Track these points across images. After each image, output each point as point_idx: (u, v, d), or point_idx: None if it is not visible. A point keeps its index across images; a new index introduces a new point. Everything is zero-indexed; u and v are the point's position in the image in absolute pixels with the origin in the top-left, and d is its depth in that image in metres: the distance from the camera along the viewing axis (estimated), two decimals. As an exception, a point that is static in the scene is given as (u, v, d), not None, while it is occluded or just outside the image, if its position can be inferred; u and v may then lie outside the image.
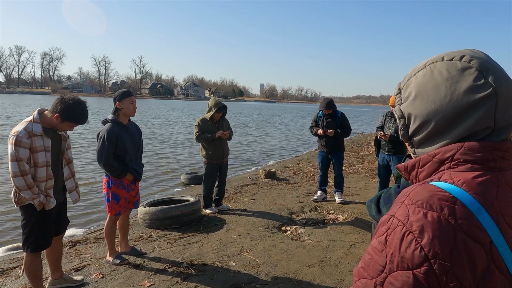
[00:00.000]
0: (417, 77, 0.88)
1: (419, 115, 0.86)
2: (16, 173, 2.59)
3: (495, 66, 0.80)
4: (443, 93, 0.81)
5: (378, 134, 5.35)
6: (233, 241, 4.34)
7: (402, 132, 0.92)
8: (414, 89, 0.87)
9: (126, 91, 3.60)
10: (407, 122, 0.90)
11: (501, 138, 0.81)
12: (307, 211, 5.67)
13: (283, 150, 14.11)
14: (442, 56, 0.86)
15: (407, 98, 0.89)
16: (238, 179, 8.00)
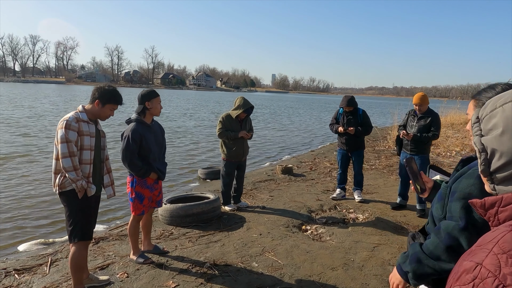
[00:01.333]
0: (504, 110, 0.82)
1: (506, 153, 0.80)
2: (65, 154, 2.76)
3: None
4: None
5: (401, 133, 5.25)
6: (254, 240, 4.33)
7: (482, 167, 0.87)
8: (502, 123, 0.81)
9: (153, 91, 3.62)
10: (490, 157, 0.85)
11: None
12: (326, 209, 5.62)
13: (298, 144, 14.03)
14: None
15: (491, 131, 0.84)
16: (254, 174, 7.98)
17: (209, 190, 6.63)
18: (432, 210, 1.58)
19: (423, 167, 5.19)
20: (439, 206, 1.51)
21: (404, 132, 5.20)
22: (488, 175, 0.87)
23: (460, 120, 19.90)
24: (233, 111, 5.22)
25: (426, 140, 5.10)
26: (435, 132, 5.06)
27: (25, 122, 16.01)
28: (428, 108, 5.19)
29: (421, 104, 5.12)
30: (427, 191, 1.70)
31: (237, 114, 5.15)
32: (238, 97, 5.36)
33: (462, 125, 19.06)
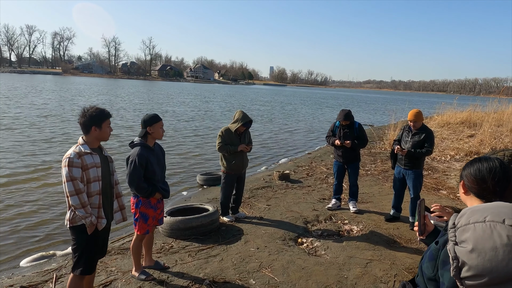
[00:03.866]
0: (475, 229, 0.95)
1: (473, 268, 0.94)
2: (71, 192, 2.83)
3: None
4: (500, 256, 0.89)
5: (396, 149, 5.39)
6: (251, 255, 4.48)
7: (454, 272, 1.01)
8: (472, 241, 0.95)
9: (155, 116, 3.69)
10: (460, 266, 0.98)
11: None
12: (322, 220, 5.78)
13: (295, 146, 14.14)
14: (503, 218, 0.93)
15: (463, 243, 0.97)
16: (252, 180, 8.11)
17: (208, 198, 6.78)
18: (422, 266, 1.71)
19: (417, 182, 5.36)
20: (430, 265, 1.63)
21: (399, 148, 5.34)
22: (459, 279, 1.00)
23: (456, 120, 20.06)
24: (232, 125, 5.33)
25: (419, 155, 5.24)
26: (428, 148, 5.20)
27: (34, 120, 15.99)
28: (423, 124, 5.32)
29: (416, 121, 5.26)
30: (425, 233, 1.83)
31: (236, 127, 5.27)
32: (237, 110, 5.47)
33: (458, 124, 19.24)
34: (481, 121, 17.26)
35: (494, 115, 18.60)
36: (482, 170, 1.44)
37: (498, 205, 0.99)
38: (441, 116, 21.90)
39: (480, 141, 13.30)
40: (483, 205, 1.00)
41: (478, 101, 21.77)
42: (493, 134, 14.42)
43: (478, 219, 0.96)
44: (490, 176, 1.40)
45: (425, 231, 1.77)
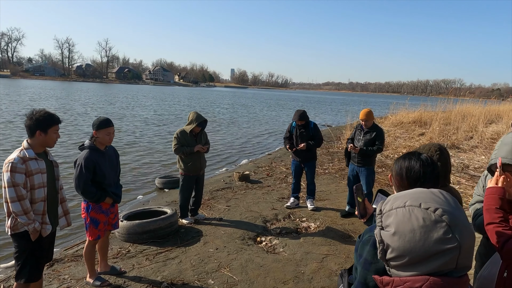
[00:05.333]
0: (397, 214, 1.04)
1: (396, 249, 1.03)
2: (13, 198, 2.70)
3: (462, 221, 0.99)
4: (418, 237, 0.98)
5: (349, 147, 5.60)
6: (210, 255, 4.49)
7: (380, 254, 1.10)
8: (394, 225, 1.04)
9: (104, 121, 3.57)
10: (385, 249, 1.07)
11: (460, 274, 1.01)
12: (281, 218, 5.88)
13: (256, 147, 14.26)
14: (419, 202, 1.02)
15: (387, 228, 1.06)
16: (212, 182, 8.10)
17: (166, 201, 6.70)
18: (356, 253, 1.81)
19: (369, 179, 5.60)
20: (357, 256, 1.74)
21: (352, 146, 5.56)
22: (385, 261, 1.09)
23: (409, 119, 21.05)
24: (187, 126, 5.32)
25: (371, 153, 5.49)
26: (379, 146, 5.46)
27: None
28: (374, 123, 5.58)
29: (367, 120, 5.50)
30: (366, 216, 1.93)
31: (191, 128, 5.26)
32: (191, 112, 5.47)
33: (410, 124, 20.21)
34: (431, 120, 18.24)
35: (442, 115, 19.72)
36: (402, 168, 1.61)
37: (417, 191, 1.09)
38: (394, 116, 22.90)
39: (429, 139, 14.06)
40: (405, 192, 1.10)
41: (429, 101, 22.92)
42: (441, 132, 15.29)
43: (399, 204, 1.05)
44: (407, 175, 1.59)
45: (366, 214, 1.86)
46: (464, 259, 0.98)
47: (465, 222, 0.99)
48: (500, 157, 1.98)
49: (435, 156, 2.18)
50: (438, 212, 0.98)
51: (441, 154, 2.19)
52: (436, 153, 2.19)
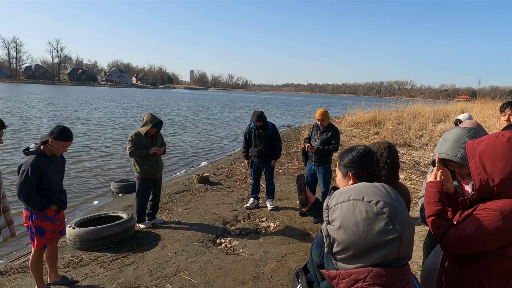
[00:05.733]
0: (342, 208, 1.06)
1: (341, 242, 1.05)
2: None
3: (402, 213, 1.02)
4: (361, 230, 1.00)
5: (306, 146, 5.70)
6: (169, 260, 4.39)
7: (327, 249, 1.11)
8: (339, 219, 1.05)
9: (67, 134, 3.41)
10: (332, 243, 1.09)
11: (401, 264, 1.04)
12: (241, 219, 5.87)
13: (216, 149, 14.17)
14: (362, 195, 1.05)
15: (333, 222, 1.07)
16: (170, 185, 7.95)
17: (123, 206, 6.49)
18: (312, 252, 1.84)
19: (326, 177, 5.72)
20: (317, 252, 1.76)
21: (309, 145, 5.66)
22: (332, 255, 1.11)
23: (364, 119, 21.81)
24: (142, 128, 5.18)
25: (328, 152, 5.61)
26: (335, 144, 5.60)
27: None
28: (329, 123, 5.71)
29: (323, 120, 5.62)
30: (308, 205, 1.96)
31: (146, 130, 5.13)
32: (146, 113, 5.34)
33: (366, 123, 20.95)
34: (385, 120, 19.00)
35: (395, 114, 20.63)
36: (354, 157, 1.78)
37: (360, 185, 1.11)
38: (351, 116, 23.65)
39: (383, 138, 14.63)
40: (349, 186, 1.12)
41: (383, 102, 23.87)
42: (394, 131, 15.97)
43: (344, 198, 1.07)
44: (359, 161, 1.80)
45: (307, 204, 1.90)
46: (405, 249, 1.01)
47: (405, 214, 1.02)
48: (438, 153, 2.09)
49: (384, 153, 2.26)
50: (379, 205, 1.00)
51: (390, 152, 2.28)
52: (385, 150, 2.27)
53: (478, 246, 1.69)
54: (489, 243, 1.68)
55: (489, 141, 1.69)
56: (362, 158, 1.84)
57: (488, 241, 1.68)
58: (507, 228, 1.64)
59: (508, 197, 1.67)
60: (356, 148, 1.89)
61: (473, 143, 1.75)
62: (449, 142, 2.12)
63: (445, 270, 1.90)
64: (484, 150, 1.68)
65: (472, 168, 1.72)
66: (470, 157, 1.73)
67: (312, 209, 1.91)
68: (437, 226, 1.81)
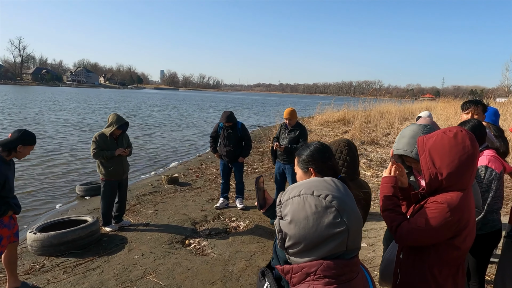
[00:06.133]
0: (293, 202, 1.08)
1: (292, 237, 1.06)
2: None
3: (349, 206, 1.05)
4: (311, 223, 1.02)
5: (275, 145, 5.74)
6: (135, 262, 4.31)
7: (280, 243, 1.13)
8: (290, 213, 1.07)
9: (35, 137, 3.41)
10: (284, 237, 1.10)
11: (351, 256, 1.07)
12: (210, 220, 5.84)
13: (186, 149, 14.02)
14: (312, 190, 1.07)
15: (285, 217, 1.09)
16: (139, 186, 7.80)
17: (88, 209, 6.31)
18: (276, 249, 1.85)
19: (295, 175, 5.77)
20: None
21: (277, 144, 5.70)
22: (284, 249, 1.12)
23: (334, 118, 22.21)
24: (107, 129, 5.06)
25: (296, 150, 5.66)
26: (303, 143, 5.66)
27: None
28: (297, 122, 5.77)
29: (290, 118, 5.68)
30: (265, 207, 1.96)
31: (111, 131, 5.01)
32: (111, 113, 5.22)
33: (335, 122, 21.35)
34: (353, 119, 19.43)
35: (364, 113, 21.12)
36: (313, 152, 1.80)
37: (311, 180, 1.13)
38: (321, 115, 24.04)
39: (352, 136, 14.95)
40: (301, 181, 1.14)
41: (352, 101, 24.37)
42: (363, 129, 16.34)
43: (295, 193, 1.08)
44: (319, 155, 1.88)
45: (265, 205, 1.89)
46: (353, 241, 1.04)
47: (353, 207, 1.05)
48: (395, 148, 2.17)
49: (344, 150, 2.31)
50: (328, 198, 1.02)
51: (349, 149, 2.33)
52: (344, 148, 2.32)
53: (429, 238, 1.76)
54: (438, 234, 1.76)
55: (438, 137, 1.76)
56: (320, 152, 1.88)
57: (437, 233, 1.75)
58: (455, 219, 1.72)
59: (455, 190, 1.74)
60: (313, 144, 1.94)
61: (424, 139, 1.82)
62: (405, 139, 2.20)
63: (400, 262, 1.97)
64: (433, 145, 1.75)
65: (422, 163, 1.79)
66: (421, 152, 1.80)
67: (269, 211, 1.92)
68: (391, 220, 1.87)
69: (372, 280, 1.21)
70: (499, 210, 2.90)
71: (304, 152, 1.95)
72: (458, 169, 1.70)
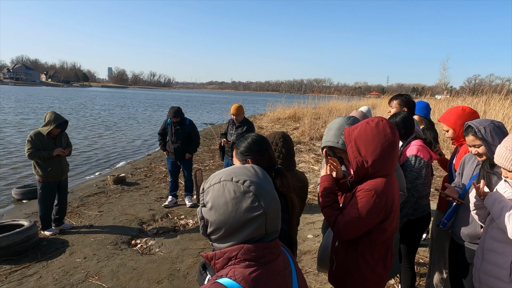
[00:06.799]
0: (213, 189, 1.10)
1: (213, 223, 1.08)
2: None
3: (267, 190, 1.08)
4: (230, 209, 1.05)
5: (222, 141, 5.74)
6: (77, 266, 4.13)
7: (202, 230, 1.15)
8: (211, 200, 1.09)
9: None
10: (206, 224, 1.12)
11: (270, 238, 1.11)
12: (158, 218, 5.73)
13: (135, 148, 13.59)
14: (231, 176, 1.09)
15: (207, 204, 1.11)
16: (82, 188, 7.47)
17: (26, 213, 5.95)
18: None
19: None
20: None
21: (225, 140, 5.71)
22: (207, 236, 1.14)
23: (285, 115, 22.62)
24: (43, 128, 4.79)
25: (243, 146, 5.71)
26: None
27: None
28: (244, 117, 5.82)
29: (238, 114, 5.71)
30: None
31: (49, 130, 4.75)
32: (48, 112, 4.95)
33: (286, 119, 21.75)
34: (303, 116, 19.90)
35: (313, 110, 21.70)
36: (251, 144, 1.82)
37: (232, 167, 1.16)
38: (273, 112, 24.38)
39: (301, 132, 15.31)
40: (223, 169, 1.16)
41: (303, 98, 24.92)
42: (312, 126, 16.78)
43: (216, 181, 1.10)
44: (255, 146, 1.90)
45: None
46: (271, 224, 1.07)
47: (271, 191, 1.09)
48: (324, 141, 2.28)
49: (279, 143, 2.37)
50: (246, 184, 1.05)
51: (284, 141, 2.40)
52: (280, 140, 2.38)
53: (363, 226, 1.87)
54: (371, 220, 1.86)
55: (362, 127, 1.87)
56: (258, 144, 1.92)
57: (370, 219, 1.86)
58: (382, 204, 1.83)
59: (380, 176, 1.86)
60: (250, 136, 1.97)
61: (349, 130, 1.92)
62: (332, 131, 2.31)
63: (336, 249, 2.06)
64: (358, 135, 1.86)
65: (349, 153, 1.89)
66: (347, 142, 1.90)
67: None
68: (328, 216, 1.96)
69: (295, 261, 1.26)
70: (428, 196, 3.13)
71: (242, 144, 1.98)
72: (381, 156, 1.82)
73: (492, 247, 1.98)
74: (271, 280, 1.08)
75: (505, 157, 1.87)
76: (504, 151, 1.87)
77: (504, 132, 2.20)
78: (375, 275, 1.94)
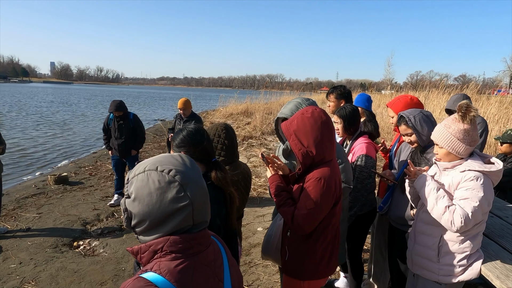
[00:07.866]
0: (137, 179, 1.04)
1: (137, 215, 1.02)
2: None
3: (194, 180, 1.04)
4: (154, 199, 1.00)
5: (169, 136, 5.61)
6: (11, 272, 3.85)
7: (126, 223, 1.08)
8: (134, 191, 1.03)
9: None
10: (130, 216, 1.06)
11: (199, 229, 1.07)
12: (103, 218, 5.50)
13: (79, 147, 12.93)
14: (156, 165, 1.03)
15: (130, 196, 1.04)
16: (19, 189, 6.97)
17: (-47, 218, 5.44)
18: None
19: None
20: None
21: (172, 135, 5.58)
22: (131, 229, 1.08)
23: (237, 110, 22.60)
24: None
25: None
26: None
27: None
28: (192, 112, 5.72)
29: (185, 108, 5.61)
30: None
31: None
32: None
33: (239, 114, 21.74)
34: (255, 111, 20.01)
35: (265, 105, 21.89)
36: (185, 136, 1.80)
37: (158, 156, 1.10)
38: (225, 108, 24.28)
39: (253, 127, 15.39)
40: (149, 158, 1.10)
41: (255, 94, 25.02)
42: (263, 121, 16.91)
43: (140, 170, 1.04)
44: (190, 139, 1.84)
45: None
46: (199, 215, 1.04)
47: (198, 181, 1.05)
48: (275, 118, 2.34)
49: (222, 134, 2.34)
50: (171, 173, 1.01)
51: (227, 132, 2.37)
52: (222, 131, 2.35)
53: (321, 214, 1.89)
54: (327, 207, 1.90)
55: (298, 119, 1.90)
56: (192, 136, 1.87)
57: (326, 206, 1.89)
58: (332, 189, 1.88)
59: (325, 162, 1.90)
60: (187, 128, 1.92)
61: (287, 124, 1.94)
62: (290, 105, 2.39)
63: (288, 239, 2.07)
64: (297, 128, 1.88)
65: (292, 146, 1.91)
66: (288, 136, 1.92)
67: None
68: (285, 213, 1.96)
69: (227, 252, 1.23)
70: (374, 190, 3.23)
71: (178, 136, 1.93)
72: (323, 143, 1.86)
73: (422, 229, 2.09)
74: (200, 272, 1.04)
75: (440, 132, 1.95)
76: (442, 128, 1.95)
77: (432, 121, 2.32)
78: (326, 260, 1.99)
